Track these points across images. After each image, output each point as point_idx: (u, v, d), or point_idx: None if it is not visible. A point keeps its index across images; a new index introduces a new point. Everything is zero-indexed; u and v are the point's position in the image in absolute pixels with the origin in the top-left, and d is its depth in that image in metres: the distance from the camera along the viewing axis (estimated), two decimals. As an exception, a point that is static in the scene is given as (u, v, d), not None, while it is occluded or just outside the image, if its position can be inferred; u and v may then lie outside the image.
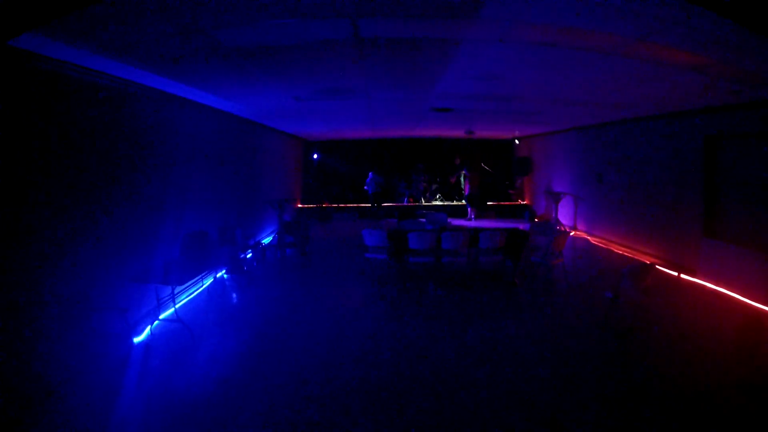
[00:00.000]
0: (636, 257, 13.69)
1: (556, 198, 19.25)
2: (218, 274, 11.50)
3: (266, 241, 16.24)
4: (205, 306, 9.72)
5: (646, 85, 8.88)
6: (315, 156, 25.08)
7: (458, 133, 21.04)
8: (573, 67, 7.66)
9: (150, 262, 8.39)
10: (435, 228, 11.98)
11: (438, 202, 24.15)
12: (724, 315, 8.92)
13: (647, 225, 13.72)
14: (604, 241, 16.10)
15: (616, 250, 14.89)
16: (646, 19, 5.29)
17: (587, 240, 16.85)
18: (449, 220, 15.14)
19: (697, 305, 9.50)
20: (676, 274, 11.62)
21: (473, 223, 20.28)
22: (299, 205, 23.96)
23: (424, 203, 23.78)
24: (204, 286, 10.82)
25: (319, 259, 13.79)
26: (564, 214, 19.20)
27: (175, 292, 9.00)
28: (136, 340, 7.74)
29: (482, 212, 22.46)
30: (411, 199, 24.27)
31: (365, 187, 23.74)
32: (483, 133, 21.33)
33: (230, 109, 12.09)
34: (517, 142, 24.62)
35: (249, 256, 13.46)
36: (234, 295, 10.50)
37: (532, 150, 23.48)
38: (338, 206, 24.10)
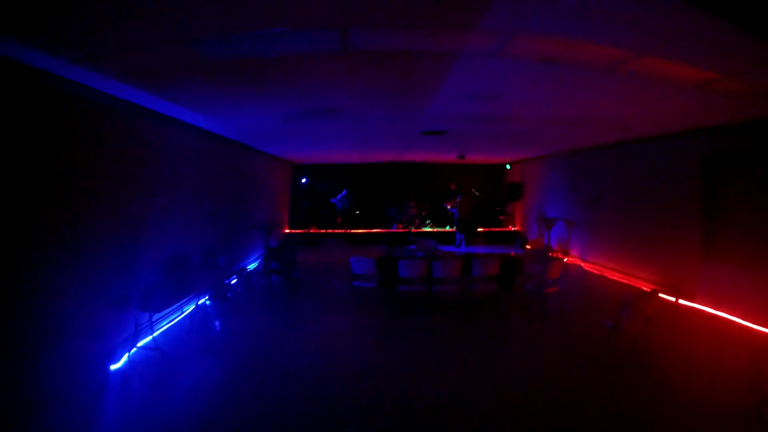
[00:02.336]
0: (632, 283, 13.34)
1: (548, 224, 18.86)
2: (200, 301, 11.09)
3: (252, 266, 15.73)
4: (187, 333, 9.26)
5: (645, 105, 8.62)
6: (303, 180, 24.64)
7: (449, 157, 20.63)
8: (572, 84, 7.33)
9: (129, 286, 7.99)
10: (426, 255, 11.55)
11: (428, 229, 23.65)
12: (729, 342, 8.61)
13: (643, 250, 13.42)
14: (598, 267, 15.71)
15: (610, 276, 14.53)
16: (652, 31, 4.96)
17: (580, 266, 16.46)
18: (440, 247, 14.72)
19: (700, 333, 9.17)
20: (673, 299, 11.28)
21: (464, 250, 19.82)
22: (287, 230, 23.43)
23: (413, 230, 23.28)
24: (186, 313, 10.35)
25: (305, 287, 13.28)
26: (556, 240, 18.82)
27: (155, 319, 8.59)
28: (113, 367, 7.34)
29: (472, 238, 22.04)
30: (400, 226, 23.77)
31: (333, 200, 24.00)
32: (474, 157, 20.99)
33: (216, 129, 11.68)
34: (508, 167, 24.27)
35: (234, 281, 13.11)
36: (217, 323, 10.06)
37: (523, 175, 23.19)
38: (327, 232, 23.51)
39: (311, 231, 23.48)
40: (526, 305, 10.55)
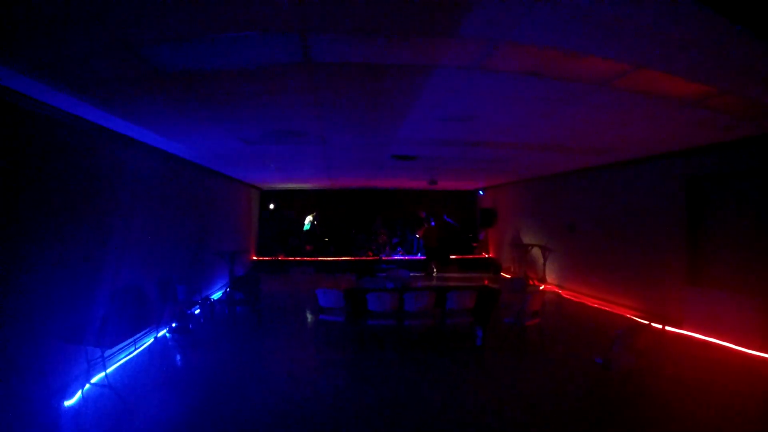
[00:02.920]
0: (614, 311, 12.91)
1: (524, 250, 18.35)
2: (160, 333, 10.36)
3: (217, 296, 14.93)
4: (146, 368, 8.56)
5: (633, 124, 8.18)
6: (271, 206, 24.05)
7: (420, 183, 20.16)
8: (557, 102, 6.83)
9: (80, 319, 7.27)
10: (396, 287, 10.90)
11: (399, 257, 23.02)
12: (725, 369, 8.26)
13: (625, 276, 13.04)
14: (576, 294, 15.26)
15: (590, 304, 14.06)
16: (657, 42, 4.44)
17: (558, 293, 15.96)
18: (411, 275, 14.09)
19: (693, 361, 8.72)
20: (660, 326, 10.60)
21: (436, 281, 19.20)
22: (254, 258, 22.73)
23: (384, 258, 22.63)
24: (144, 346, 9.63)
25: (271, 318, 12.50)
26: (532, 267, 18.27)
27: (108, 354, 7.96)
28: (67, 403, 6.73)
29: (444, 267, 21.48)
30: (370, 253, 23.12)
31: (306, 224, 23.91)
32: (446, 183, 20.54)
33: (177, 151, 11.08)
34: (481, 192, 23.85)
35: (198, 311, 12.49)
36: (176, 357, 9.33)
37: (497, 200, 22.82)
38: (294, 259, 22.77)
39: (279, 258, 22.77)
40: (505, 339, 9.89)
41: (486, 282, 18.40)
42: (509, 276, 19.89)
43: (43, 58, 4.78)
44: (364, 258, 22.80)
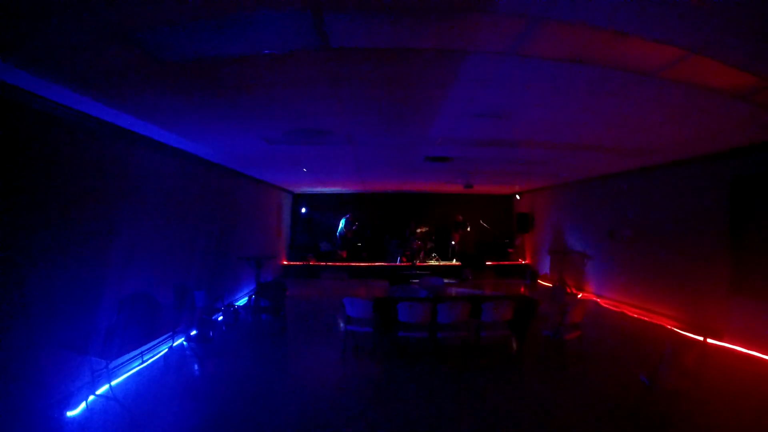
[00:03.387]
0: (654, 320, 12.22)
1: (561, 257, 17.60)
2: (176, 342, 9.88)
3: (242, 302, 14.51)
4: (159, 378, 8.12)
5: (677, 123, 7.62)
6: (303, 210, 23.72)
7: (456, 187, 19.54)
8: (596, 96, 6.21)
9: (84, 327, 6.97)
10: (429, 296, 10.32)
11: (433, 262, 22.42)
12: None
13: (666, 284, 12.32)
14: (615, 303, 14.51)
15: (630, 314, 13.32)
16: (721, 23, 3.84)
17: (597, 303, 15.19)
18: (445, 282, 13.47)
19: (740, 378, 8.05)
20: (701, 338, 9.97)
21: (470, 289, 18.51)
22: (284, 262, 22.38)
23: (417, 263, 22.00)
24: (159, 355, 9.27)
25: (298, 327, 12.05)
26: (570, 275, 17.53)
27: (116, 364, 7.71)
28: (70, 414, 6.43)
29: (480, 273, 20.79)
30: (404, 259, 22.52)
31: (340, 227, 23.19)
32: (482, 187, 19.86)
33: (196, 150, 10.74)
34: (518, 197, 23.12)
35: (220, 318, 12.04)
36: (193, 367, 8.86)
37: (533, 205, 22.10)
38: (326, 264, 22.33)
39: (310, 263, 22.30)
40: (544, 353, 9.25)
41: (522, 290, 17.76)
42: (547, 283, 19.20)
43: (35, 50, 4.38)
44: (397, 264, 22.26)
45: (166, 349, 9.54)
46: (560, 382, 8.06)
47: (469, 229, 20.66)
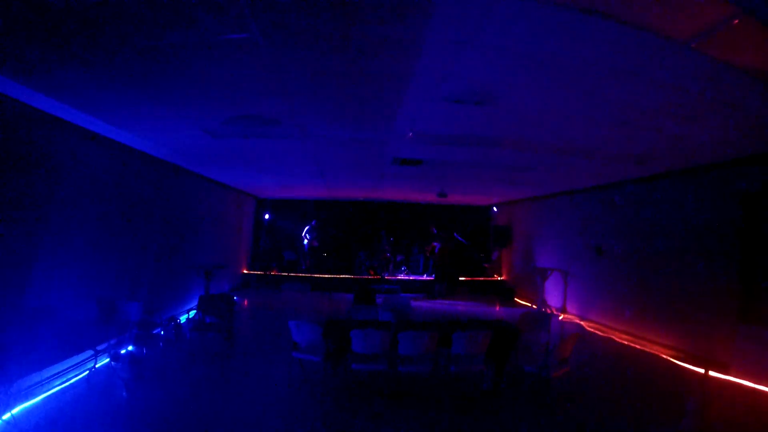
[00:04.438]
0: (647, 349, 10.89)
1: (542, 274, 16.25)
2: (99, 363, 8.49)
3: (186, 317, 12.90)
4: (73, 406, 6.87)
5: (692, 120, 6.30)
6: (267, 216, 22.28)
7: (429, 196, 18.15)
8: (608, 75, 4.76)
9: None
10: (391, 320, 8.82)
11: (403, 276, 21.07)
12: None
13: (662, 309, 11.10)
14: (601, 327, 13.22)
15: (619, 340, 11.98)
16: None
17: (581, 326, 13.85)
18: (415, 300, 12.08)
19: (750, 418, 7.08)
20: (702, 371, 8.92)
21: (443, 306, 17.11)
22: (245, 271, 20.98)
23: (386, 277, 20.60)
24: (80, 377, 8.01)
25: (246, 348, 10.62)
26: (552, 294, 16.23)
27: (14, 390, 6.51)
28: None
29: (453, 289, 19.40)
30: (372, 272, 21.11)
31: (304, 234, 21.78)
32: (458, 197, 18.57)
33: (139, 145, 9.66)
34: (495, 209, 21.84)
35: (161, 333, 10.78)
36: (115, 393, 7.56)
37: (512, 218, 20.88)
38: (288, 275, 20.88)
39: (272, 273, 20.92)
40: (526, 392, 7.83)
41: (498, 308, 16.42)
42: (525, 302, 17.91)
43: None
44: (365, 276, 20.91)
45: (87, 372, 8.16)
46: (545, 428, 6.70)
47: (442, 242, 19.32)
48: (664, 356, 10.31)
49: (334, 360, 7.93)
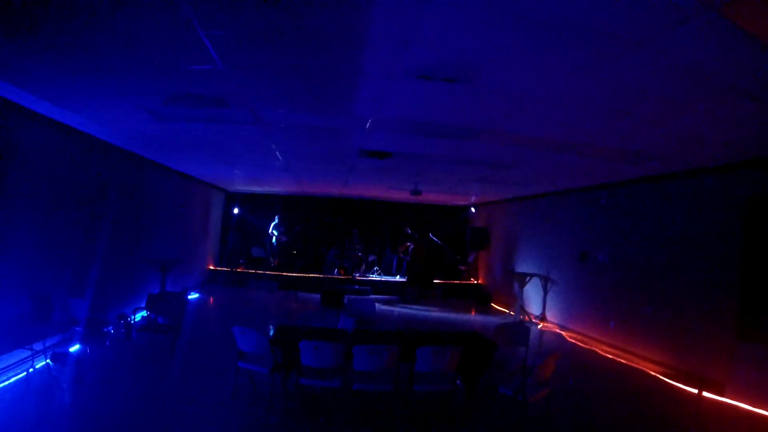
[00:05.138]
0: (633, 364, 10.14)
1: (520, 280, 15.40)
2: (39, 364, 7.85)
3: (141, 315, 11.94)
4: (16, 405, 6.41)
5: (704, 110, 5.39)
6: (235, 210, 21.41)
7: (404, 194, 17.29)
8: (613, 43, 3.89)
9: None
10: (349, 329, 7.86)
11: (374, 277, 20.20)
12: None
13: (651, 321, 10.22)
14: (584, 339, 12.37)
15: (602, 353, 11.18)
16: None
17: (561, 336, 13.05)
18: (387, 304, 11.17)
19: None
20: (695, 391, 8.27)
21: (413, 310, 16.21)
22: (211, 267, 20.12)
23: (357, 277, 19.68)
24: (16, 378, 7.35)
25: (197, 351, 9.70)
26: (531, 301, 15.45)
27: None
28: None
29: (427, 292, 18.52)
30: (342, 271, 20.19)
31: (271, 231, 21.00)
32: (433, 196, 17.69)
33: (85, 128, 8.91)
34: (473, 209, 21.02)
35: (110, 331, 10.07)
36: (56, 397, 6.94)
37: (491, 219, 20.07)
38: (255, 272, 19.95)
39: (238, 270, 19.97)
40: (499, 416, 6.92)
41: (474, 312, 15.57)
42: (502, 308, 17.06)
43: None
44: (335, 276, 20.04)
45: (24, 374, 7.45)
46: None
47: (417, 243, 18.47)
48: (653, 373, 9.52)
49: (284, 372, 7.01)
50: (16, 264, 7.77)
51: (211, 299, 16.54)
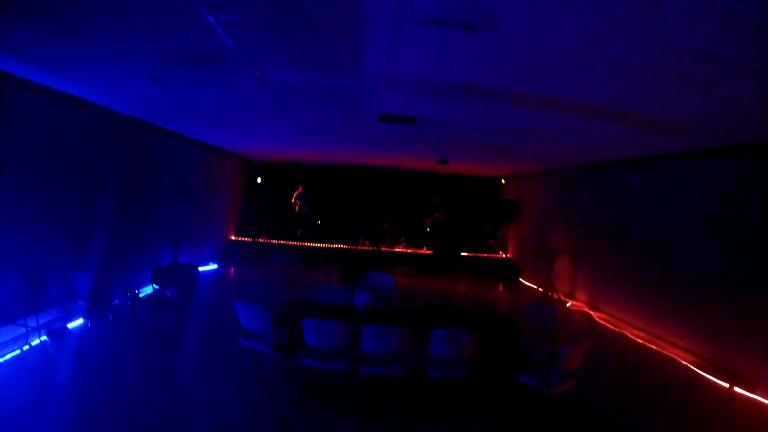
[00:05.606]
0: (664, 350, 9.56)
1: (550, 255, 14.70)
2: (35, 341, 7.57)
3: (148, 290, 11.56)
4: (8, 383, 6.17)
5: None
6: (258, 180, 21.04)
7: (431, 164, 16.52)
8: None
9: None
10: (360, 307, 7.25)
11: (400, 249, 19.58)
12: None
13: (685, 307, 9.53)
14: (614, 320, 11.65)
15: (632, 337, 10.52)
16: None
17: (590, 316, 12.35)
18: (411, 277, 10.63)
19: None
20: (726, 385, 7.73)
21: (438, 285, 15.64)
22: (232, 238, 19.62)
23: (383, 249, 19.13)
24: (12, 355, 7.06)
25: (198, 328, 9.20)
26: (561, 278, 14.73)
27: None
28: None
29: (454, 266, 17.91)
30: (368, 242, 19.64)
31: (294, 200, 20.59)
32: (461, 166, 16.91)
33: (97, 99, 8.67)
34: (503, 181, 20.26)
35: (116, 304, 10.10)
36: (52, 372, 6.73)
37: (521, 191, 19.16)
38: (278, 243, 19.44)
39: (260, 240, 19.43)
40: (520, 410, 6.34)
41: (501, 288, 14.97)
42: (531, 284, 16.43)
43: None
44: (359, 248, 19.45)
45: (18, 351, 7.15)
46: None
47: (443, 212, 17.84)
48: (683, 362, 8.87)
49: (289, 352, 6.52)
50: (6, 235, 7.36)
51: (232, 270, 16.16)
